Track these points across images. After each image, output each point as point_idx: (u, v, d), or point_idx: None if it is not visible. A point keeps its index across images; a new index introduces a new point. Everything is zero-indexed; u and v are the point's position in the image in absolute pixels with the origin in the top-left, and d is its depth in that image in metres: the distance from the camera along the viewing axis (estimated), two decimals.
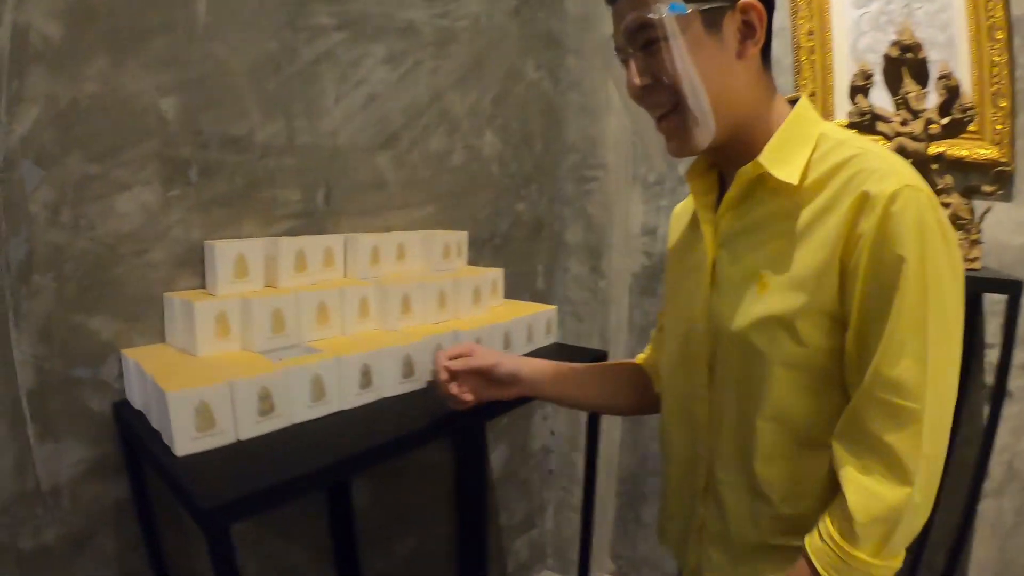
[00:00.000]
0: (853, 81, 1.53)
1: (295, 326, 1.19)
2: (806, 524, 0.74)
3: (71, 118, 1.02)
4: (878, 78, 1.53)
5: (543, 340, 1.61)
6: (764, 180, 0.77)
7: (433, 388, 1.12)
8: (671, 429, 0.93)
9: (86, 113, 1.04)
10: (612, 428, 2.22)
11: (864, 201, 0.69)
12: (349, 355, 1.12)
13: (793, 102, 0.81)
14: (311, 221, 1.40)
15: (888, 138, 1.46)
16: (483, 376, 1.06)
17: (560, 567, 2.35)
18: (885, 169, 0.70)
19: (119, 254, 1.12)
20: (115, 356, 1.15)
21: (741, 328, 0.77)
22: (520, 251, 1.98)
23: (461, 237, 1.58)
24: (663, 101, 0.76)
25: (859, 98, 1.52)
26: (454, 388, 1.04)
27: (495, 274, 1.55)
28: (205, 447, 0.95)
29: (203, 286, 1.24)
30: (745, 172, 0.77)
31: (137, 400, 1.10)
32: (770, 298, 0.75)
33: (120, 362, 1.15)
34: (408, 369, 1.22)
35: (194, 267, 1.23)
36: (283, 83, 1.33)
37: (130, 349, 1.15)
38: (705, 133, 0.75)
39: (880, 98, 1.53)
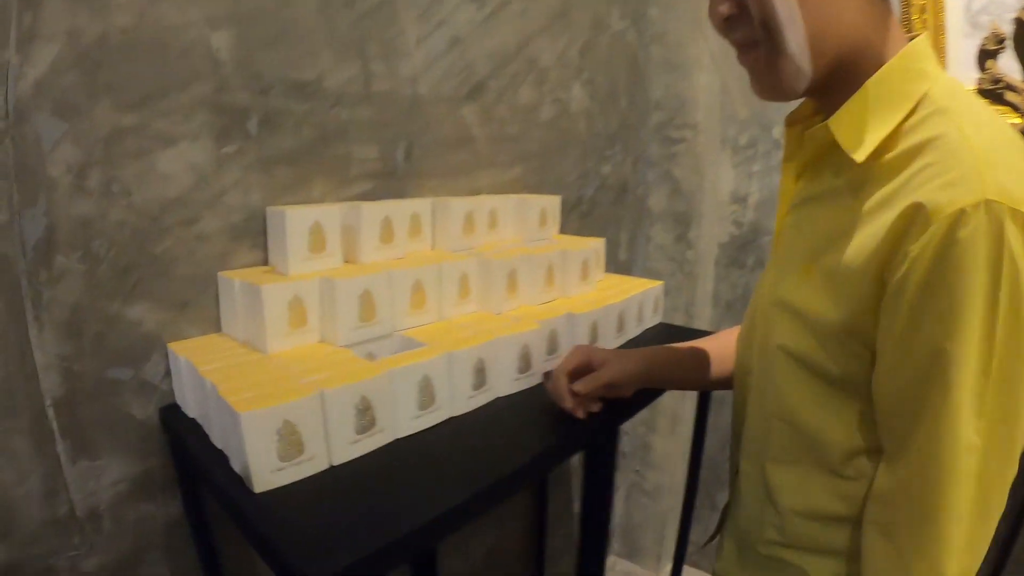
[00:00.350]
0: (983, 44, 1.30)
1: (387, 312, 0.91)
2: (812, 546, 0.65)
3: (99, 58, 0.79)
4: (1008, 43, 1.29)
5: (650, 319, 1.33)
6: (838, 148, 0.59)
7: (543, 384, 0.90)
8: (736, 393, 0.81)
9: (118, 51, 0.81)
10: (691, 408, 1.96)
11: (915, 214, 0.50)
12: (462, 349, 0.85)
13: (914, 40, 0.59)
14: (390, 182, 1.12)
15: (1018, 111, 1.18)
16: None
17: (627, 553, 2.14)
18: (966, 167, 0.49)
19: (162, 226, 0.88)
20: (160, 352, 0.91)
21: (771, 310, 0.66)
22: (605, 218, 1.71)
23: (554, 203, 1.29)
24: (749, 33, 0.58)
25: (990, 63, 1.24)
26: (580, 413, 0.85)
27: (597, 245, 1.27)
28: (291, 479, 0.69)
29: (265, 262, 0.97)
30: (814, 134, 0.61)
31: (191, 406, 0.85)
32: (805, 288, 0.61)
33: (167, 359, 0.91)
34: (524, 363, 0.95)
35: (254, 239, 0.97)
36: (357, 20, 1.05)
37: (179, 343, 0.90)
38: (798, 74, 0.57)
39: (1008, 67, 1.30)
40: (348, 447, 0.74)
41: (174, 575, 0.96)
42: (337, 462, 0.73)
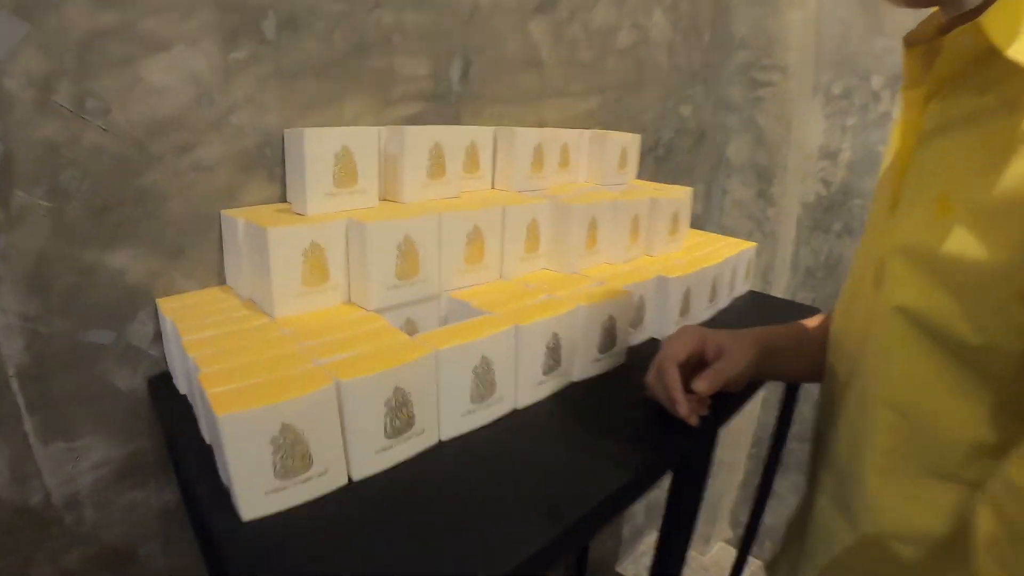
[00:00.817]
0: None
1: (433, 267, 0.67)
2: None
3: None
4: None
5: (741, 287, 1.06)
6: (990, 57, 0.43)
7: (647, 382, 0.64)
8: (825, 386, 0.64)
9: None
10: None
11: None
12: (534, 322, 0.60)
13: None
14: (441, 106, 0.86)
15: None
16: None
17: None
18: None
19: (151, 153, 0.66)
20: (149, 309, 0.69)
21: (891, 262, 0.49)
22: (682, 166, 1.43)
23: (634, 143, 1.02)
24: None
25: None
26: (695, 419, 0.61)
27: (685, 195, 1.00)
28: (293, 502, 0.46)
29: (283, 198, 0.73)
30: (957, 40, 0.45)
31: (181, 381, 0.63)
32: (941, 229, 0.45)
33: (157, 318, 0.69)
34: (607, 340, 0.70)
35: (269, 171, 0.73)
36: None
37: (170, 299, 0.68)
38: None
39: None
40: (374, 457, 0.50)
41: (173, 570, 0.80)
42: (358, 476, 0.50)
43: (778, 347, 0.66)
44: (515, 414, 0.62)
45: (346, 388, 0.47)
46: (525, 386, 0.62)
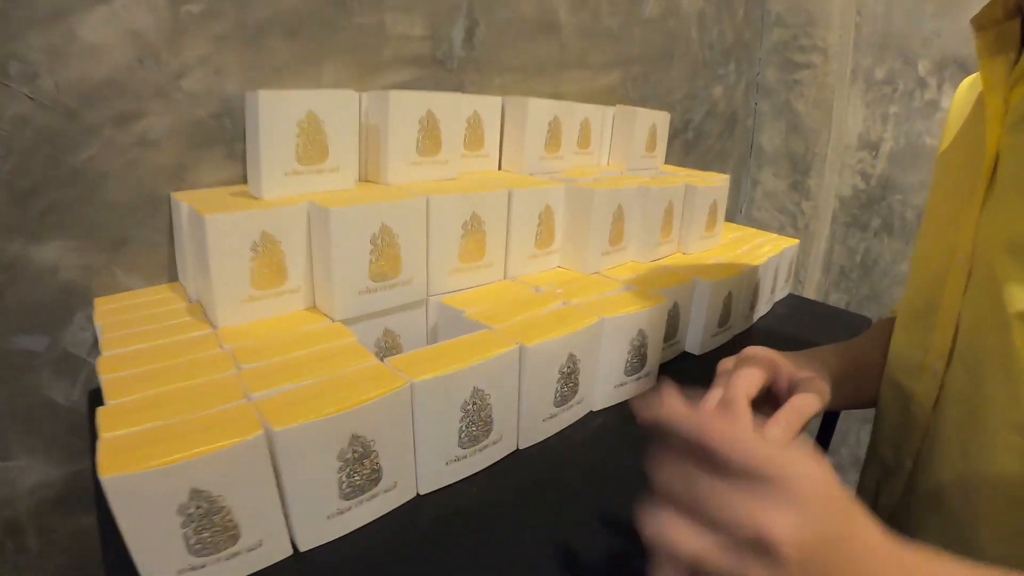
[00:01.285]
0: None
1: (418, 263, 0.52)
2: None
3: None
4: None
5: (780, 290, 0.90)
6: None
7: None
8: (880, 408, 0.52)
9: None
10: None
11: None
12: (542, 342, 0.45)
13: None
14: (441, 73, 0.70)
15: None
16: None
17: None
18: None
19: (86, 124, 0.53)
20: (87, 311, 0.56)
21: (1001, 262, 0.38)
22: (711, 151, 1.26)
23: (663, 121, 0.86)
24: None
25: None
26: None
27: (723, 183, 0.83)
28: None
29: (245, 180, 0.59)
30: None
31: None
32: None
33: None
34: (637, 360, 0.55)
35: (228, 146, 0.59)
36: None
37: (108, 300, 0.54)
38: None
39: None
40: (325, 524, 0.36)
41: None
42: (306, 546, 0.36)
43: (844, 375, 0.50)
44: (516, 456, 0.47)
45: (280, 438, 0.32)
46: (530, 423, 0.47)
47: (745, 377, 0.39)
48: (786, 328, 0.80)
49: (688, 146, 1.17)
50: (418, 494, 0.42)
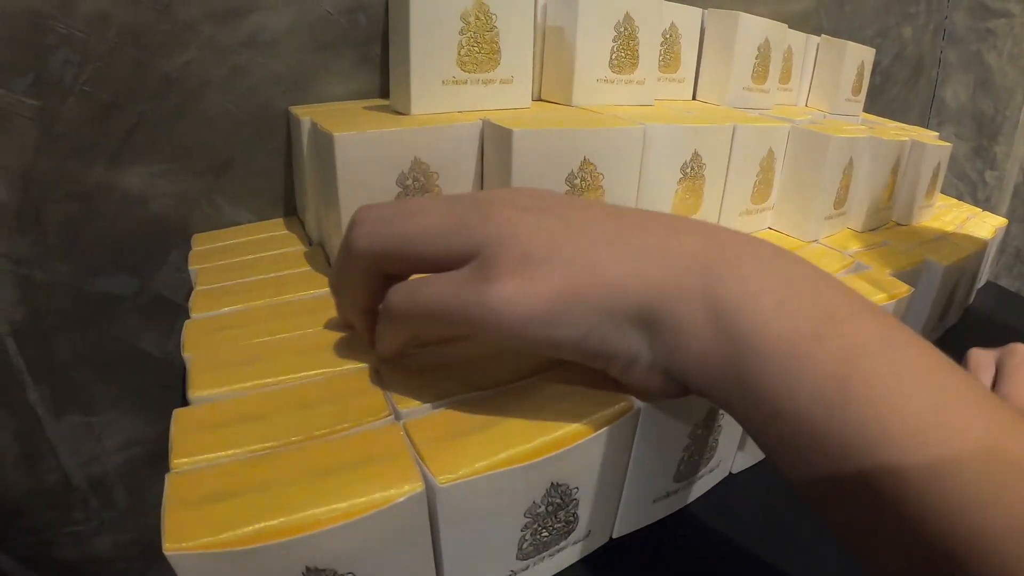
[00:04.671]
0: None
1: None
2: None
3: None
4: None
5: (982, 277, 0.71)
6: None
7: None
8: None
9: None
10: None
11: None
12: None
13: None
14: None
15: None
16: None
17: None
18: None
19: (182, 21, 0.40)
20: (183, 249, 0.44)
21: None
22: (895, 101, 1.05)
23: (869, 59, 0.66)
24: None
25: None
26: None
27: (946, 143, 0.63)
28: None
29: (384, 92, 0.46)
30: None
31: None
32: None
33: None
34: None
35: (362, 49, 0.46)
36: None
37: (208, 236, 0.43)
38: None
39: None
40: None
41: None
42: None
43: None
44: (728, 481, 0.33)
45: (445, 495, 0.19)
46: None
47: None
48: (997, 326, 0.62)
49: (873, 92, 0.96)
50: (611, 537, 0.28)
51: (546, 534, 0.24)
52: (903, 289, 0.40)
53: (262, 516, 0.18)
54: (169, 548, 0.17)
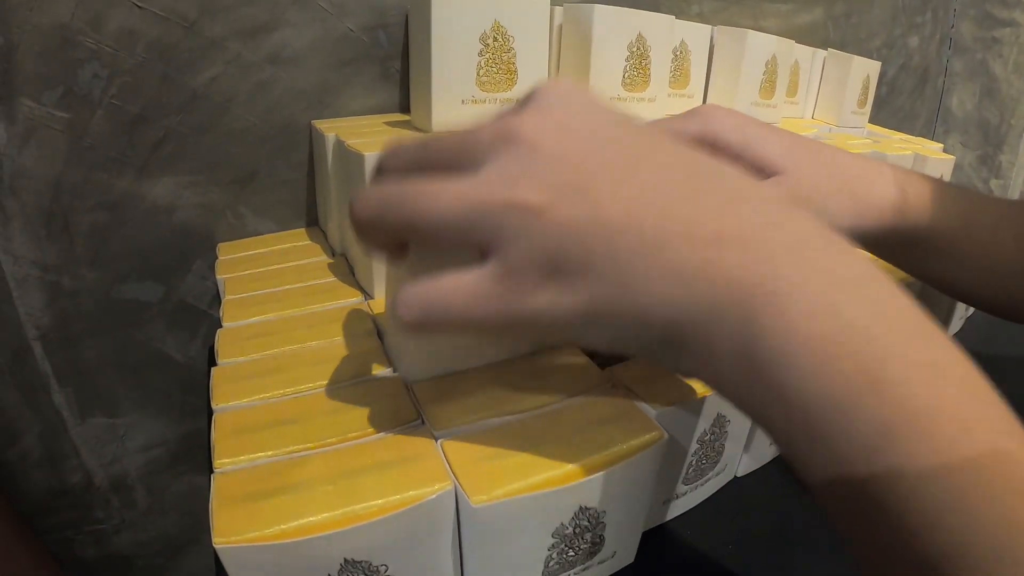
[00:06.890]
0: None
1: None
2: None
3: None
4: None
5: None
6: None
7: None
8: None
9: None
10: None
11: None
12: None
13: None
14: None
15: None
16: None
17: None
18: None
19: (208, 37, 0.42)
20: (208, 258, 0.46)
21: None
22: (901, 111, 1.07)
23: (875, 72, 0.68)
24: None
25: None
26: None
27: (949, 157, 0.64)
28: None
29: (404, 107, 0.48)
30: None
31: None
32: None
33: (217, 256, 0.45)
34: None
35: (383, 65, 0.48)
36: None
37: (233, 245, 0.44)
38: None
39: None
40: None
41: None
42: None
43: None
44: (734, 484, 0.34)
45: (479, 516, 0.20)
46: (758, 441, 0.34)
47: None
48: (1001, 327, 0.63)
49: (880, 103, 0.97)
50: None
51: (572, 554, 0.25)
52: None
53: (305, 512, 0.19)
54: (219, 542, 0.18)
